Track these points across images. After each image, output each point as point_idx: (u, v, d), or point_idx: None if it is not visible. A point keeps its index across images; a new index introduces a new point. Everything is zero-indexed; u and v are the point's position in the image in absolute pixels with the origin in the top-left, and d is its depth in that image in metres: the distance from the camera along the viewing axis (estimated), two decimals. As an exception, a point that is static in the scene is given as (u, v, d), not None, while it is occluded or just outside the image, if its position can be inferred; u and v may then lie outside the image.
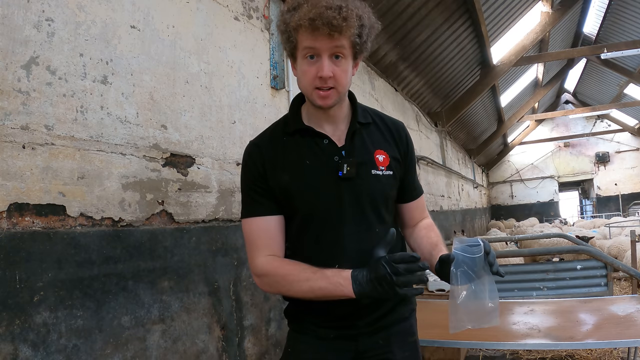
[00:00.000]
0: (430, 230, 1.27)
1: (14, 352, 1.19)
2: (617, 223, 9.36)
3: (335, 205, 1.11)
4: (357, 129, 1.16)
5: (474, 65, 7.11)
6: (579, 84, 14.74)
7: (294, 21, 1.01)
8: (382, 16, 4.15)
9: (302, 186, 1.12)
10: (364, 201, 1.13)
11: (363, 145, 1.16)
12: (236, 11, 2.36)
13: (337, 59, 1.03)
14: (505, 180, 17.91)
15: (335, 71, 1.03)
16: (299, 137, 1.16)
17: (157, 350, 1.64)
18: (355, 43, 1.04)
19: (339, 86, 1.06)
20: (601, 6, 9.04)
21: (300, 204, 1.13)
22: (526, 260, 6.00)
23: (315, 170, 1.12)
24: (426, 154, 6.65)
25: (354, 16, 1.00)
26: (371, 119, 1.22)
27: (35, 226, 1.29)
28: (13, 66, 1.26)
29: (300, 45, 1.04)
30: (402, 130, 1.26)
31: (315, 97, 1.07)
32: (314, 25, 0.98)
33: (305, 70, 1.05)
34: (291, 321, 1.24)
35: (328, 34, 0.99)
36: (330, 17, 0.97)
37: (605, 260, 3.90)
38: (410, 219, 1.30)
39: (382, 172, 1.15)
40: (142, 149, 1.68)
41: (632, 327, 2.04)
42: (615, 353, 3.32)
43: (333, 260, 1.09)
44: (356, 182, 1.12)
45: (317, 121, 1.16)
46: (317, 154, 1.13)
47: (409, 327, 1.22)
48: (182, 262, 1.81)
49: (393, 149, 1.20)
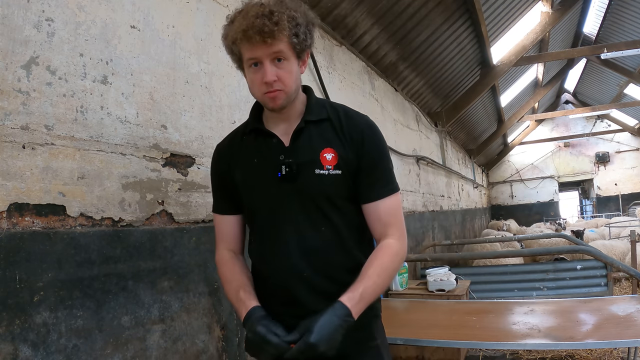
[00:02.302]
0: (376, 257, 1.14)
1: (14, 352, 1.19)
2: (617, 223, 9.35)
3: (277, 205, 1.16)
4: (303, 127, 1.17)
5: (474, 65, 7.11)
6: (579, 84, 14.73)
7: (231, 35, 1.07)
8: (382, 16, 4.15)
9: (249, 183, 1.19)
10: (306, 201, 1.14)
11: (309, 144, 1.16)
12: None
13: (280, 61, 1.08)
14: (505, 180, 17.91)
15: (279, 74, 1.08)
16: (253, 136, 1.22)
17: (157, 350, 1.64)
18: (294, 43, 1.08)
19: (286, 87, 1.10)
20: (601, 6, 9.03)
21: (248, 201, 1.21)
22: (526, 260, 6.00)
23: (260, 170, 1.17)
24: (426, 154, 6.65)
25: (284, 19, 1.03)
26: (327, 115, 1.20)
27: (35, 226, 1.29)
28: (13, 66, 1.26)
29: (243, 56, 1.09)
30: (356, 128, 1.18)
31: (267, 101, 1.12)
32: (247, 35, 1.03)
33: (252, 78, 1.11)
34: None
35: (262, 41, 1.03)
36: (260, 25, 1.01)
37: (605, 260, 3.90)
38: (374, 229, 1.19)
39: (329, 172, 1.14)
40: (142, 149, 1.69)
41: (632, 327, 2.04)
42: (615, 353, 3.32)
43: (278, 258, 1.15)
44: (297, 182, 1.14)
45: (273, 121, 1.21)
46: (264, 153, 1.18)
47: (368, 332, 1.21)
48: (182, 262, 1.81)
49: (345, 148, 1.16)
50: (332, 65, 3.60)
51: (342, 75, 3.79)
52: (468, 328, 2.35)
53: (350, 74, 4.00)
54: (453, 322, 2.51)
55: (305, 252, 1.13)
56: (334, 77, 3.60)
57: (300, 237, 1.14)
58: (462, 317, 2.59)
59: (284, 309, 1.16)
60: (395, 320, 2.60)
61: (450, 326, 2.44)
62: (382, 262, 1.13)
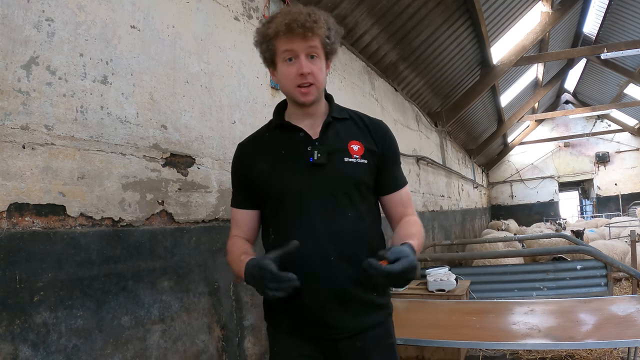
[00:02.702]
0: (407, 225, 1.29)
1: (14, 352, 1.19)
2: (617, 223, 9.35)
3: (306, 188, 1.22)
4: (330, 121, 1.27)
5: (474, 65, 7.11)
6: (579, 84, 14.73)
7: (272, 29, 1.16)
8: (382, 16, 4.15)
9: (277, 172, 1.25)
10: (335, 185, 1.22)
11: (337, 136, 1.27)
12: (236, 11, 2.36)
13: (313, 58, 1.19)
14: (505, 180, 17.90)
15: (312, 68, 1.18)
16: (279, 132, 1.30)
17: (157, 350, 1.64)
18: (326, 43, 1.20)
19: (317, 82, 1.20)
20: (601, 6, 9.03)
21: (274, 188, 1.25)
22: (526, 260, 6.00)
23: (289, 158, 1.25)
24: (426, 154, 6.65)
25: (322, 20, 1.17)
26: (348, 115, 1.33)
27: (35, 226, 1.29)
28: (13, 66, 1.26)
29: (278, 50, 1.19)
30: (380, 128, 1.34)
31: (298, 95, 1.20)
32: (290, 28, 1.13)
33: (286, 71, 1.20)
34: (270, 325, 1.33)
35: (302, 34, 1.14)
36: (303, 20, 1.13)
37: (605, 260, 3.90)
38: (394, 212, 1.35)
39: (357, 160, 1.25)
40: (142, 149, 1.69)
41: (632, 327, 2.04)
42: (615, 353, 3.31)
43: (305, 239, 1.18)
44: (327, 167, 1.22)
45: (297, 119, 1.29)
46: (292, 144, 1.26)
47: (386, 330, 1.30)
48: (182, 262, 1.81)
49: (369, 141, 1.29)
50: (332, 65, 3.59)
51: (342, 75, 3.79)
52: (468, 328, 2.35)
53: (350, 74, 4.00)
54: (453, 322, 2.50)
55: (333, 235, 1.19)
56: (334, 77, 3.60)
57: (328, 221, 1.20)
58: (462, 317, 2.59)
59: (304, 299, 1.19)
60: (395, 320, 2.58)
61: (450, 326, 2.44)
62: (419, 228, 1.28)
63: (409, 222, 1.30)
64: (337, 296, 1.19)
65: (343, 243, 1.20)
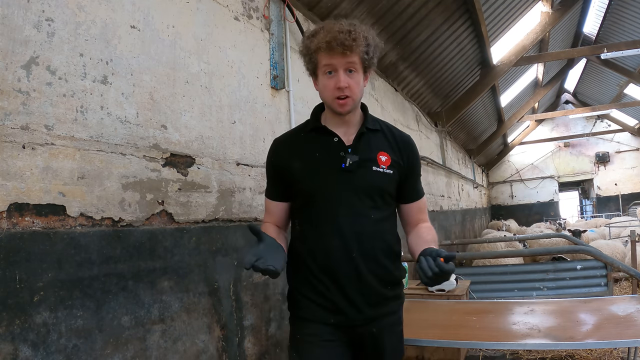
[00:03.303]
0: (427, 231, 1.41)
1: (14, 352, 1.19)
2: (617, 223, 9.34)
3: (335, 190, 1.33)
4: (364, 132, 1.38)
5: (474, 65, 7.11)
6: (579, 84, 14.73)
7: (314, 44, 1.27)
8: (382, 16, 4.15)
9: (310, 171, 1.35)
10: (361, 190, 1.33)
11: (368, 146, 1.37)
12: (236, 11, 2.36)
13: (351, 72, 1.28)
14: (505, 180, 17.90)
15: (349, 82, 1.28)
16: (315, 134, 1.40)
17: (157, 351, 1.64)
18: (364, 59, 1.28)
19: (353, 94, 1.29)
20: (601, 6, 9.03)
21: (306, 185, 1.36)
22: (526, 260, 6.00)
23: (323, 160, 1.36)
24: (426, 154, 6.65)
25: (361, 37, 1.25)
26: (380, 127, 1.44)
27: (35, 226, 1.29)
28: (13, 66, 1.26)
29: (320, 64, 1.29)
30: (407, 143, 1.45)
31: (336, 105, 1.31)
32: (330, 46, 1.23)
33: (326, 83, 1.30)
34: (293, 314, 1.44)
35: (342, 52, 1.24)
36: (342, 39, 1.22)
37: (605, 260, 3.90)
38: (411, 218, 1.48)
39: (383, 170, 1.36)
40: (142, 149, 1.68)
41: (632, 327, 2.04)
42: (615, 353, 3.32)
43: (328, 238, 1.32)
44: (356, 174, 1.33)
45: (333, 124, 1.39)
46: (326, 148, 1.37)
47: (398, 318, 1.45)
48: (182, 262, 1.81)
49: (396, 154, 1.40)
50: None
51: (342, 75, 3.79)
52: (468, 328, 2.35)
53: (350, 74, 3.99)
54: (453, 322, 2.50)
55: (356, 234, 1.31)
56: (334, 77, 3.60)
57: (352, 220, 1.32)
58: (462, 317, 2.59)
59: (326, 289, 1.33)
60: (395, 320, 2.58)
61: (450, 326, 2.43)
62: (435, 235, 1.40)
63: (428, 228, 1.43)
64: (357, 288, 1.32)
65: (365, 241, 1.32)
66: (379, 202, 1.36)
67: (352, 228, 1.31)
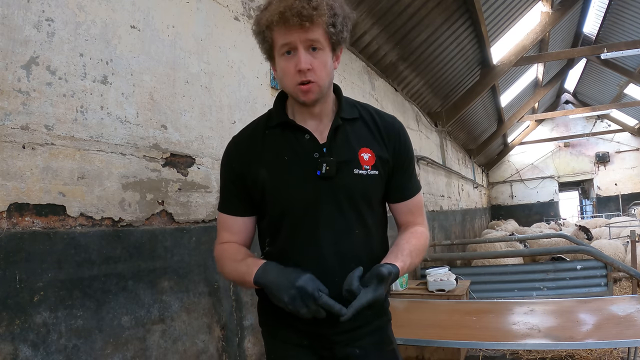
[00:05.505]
0: (412, 237, 1.18)
1: (14, 352, 1.19)
2: (617, 223, 9.34)
3: (312, 205, 1.08)
4: (340, 124, 1.13)
5: (474, 65, 7.11)
6: (579, 84, 14.73)
7: (265, 18, 1.01)
8: (382, 16, 4.15)
9: (279, 182, 1.10)
10: (343, 201, 1.10)
11: (346, 143, 1.12)
12: (236, 11, 2.36)
13: (314, 50, 1.02)
14: (505, 180, 17.89)
15: (313, 63, 1.02)
16: (280, 130, 1.14)
17: (157, 350, 1.64)
18: (331, 33, 1.02)
19: (319, 79, 1.04)
20: (601, 6, 9.03)
21: (276, 201, 1.11)
22: (526, 260, 6.00)
23: (294, 167, 1.10)
24: (426, 154, 6.65)
25: (324, 5, 0.98)
26: (358, 113, 1.18)
27: (35, 226, 1.29)
28: (13, 66, 1.26)
29: (275, 43, 1.03)
30: (393, 128, 1.19)
31: (298, 93, 1.05)
32: (284, 17, 0.97)
33: (284, 66, 1.04)
34: (266, 332, 1.24)
35: (300, 24, 0.97)
36: (299, 7, 0.96)
37: (605, 260, 3.91)
38: (399, 220, 1.24)
39: (367, 172, 1.11)
40: (142, 149, 1.69)
41: (632, 327, 2.04)
42: (615, 353, 3.31)
43: (310, 261, 1.08)
44: (336, 181, 1.08)
45: (301, 116, 1.13)
46: (296, 149, 1.11)
47: (386, 337, 1.21)
48: (182, 262, 1.81)
49: (380, 147, 1.15)
50: (332, 65, 3.60)
51: (342, 75, 3.79)
52: (468, 328, 2.35)
53: (350, 74, 4.00)
54: (453, 322, 2.50)
55: (339, 256, 1.09)
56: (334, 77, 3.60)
57: (335, 240, 1.09)
58: (462, 317, 2.59)
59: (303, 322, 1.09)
60: (395, 320, 2.58)
61: (450, 326, 2.44)
62: (420, 242, 1.17)
63: (413, 233, 1.19)
64: (346, 332, 1.12)
65: (349, 263, 1.07)
66: (365, 211, 1.13)
67: (334, 249, 1.08)
